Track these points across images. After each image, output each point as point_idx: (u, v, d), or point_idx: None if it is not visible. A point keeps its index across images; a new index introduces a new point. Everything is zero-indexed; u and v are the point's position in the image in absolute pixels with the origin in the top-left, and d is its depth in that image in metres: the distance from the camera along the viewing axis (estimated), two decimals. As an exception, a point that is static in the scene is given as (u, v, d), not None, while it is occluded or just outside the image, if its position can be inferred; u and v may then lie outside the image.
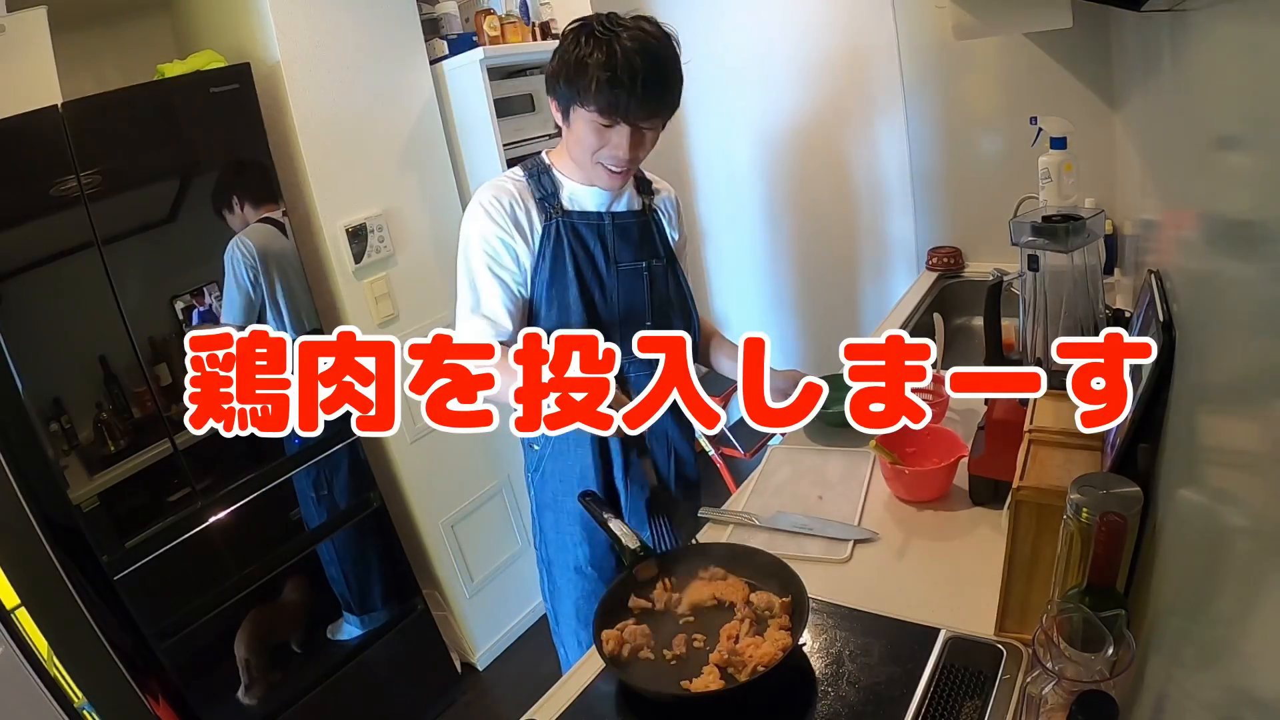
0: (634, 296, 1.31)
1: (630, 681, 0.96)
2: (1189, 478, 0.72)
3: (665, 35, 1.16)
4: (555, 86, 1.18)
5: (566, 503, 1.34)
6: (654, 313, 1.34)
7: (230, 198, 1.76)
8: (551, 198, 1.27)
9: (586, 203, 1.29)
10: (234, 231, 1.77)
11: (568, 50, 1.14)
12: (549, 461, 1.35)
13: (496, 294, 1.23)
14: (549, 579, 1.43)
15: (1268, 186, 0.53)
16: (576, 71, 1.12)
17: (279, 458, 1.87)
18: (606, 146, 1.18)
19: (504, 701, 2.22)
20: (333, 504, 1.99)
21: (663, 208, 1.39)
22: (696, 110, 3.06)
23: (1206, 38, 0.76)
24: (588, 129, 1.16)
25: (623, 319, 1.30)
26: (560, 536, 1.38)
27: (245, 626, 1.81)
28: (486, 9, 2.25)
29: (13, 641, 1.42)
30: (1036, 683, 0.75)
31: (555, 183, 1.29)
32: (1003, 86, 2.29)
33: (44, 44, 1.57)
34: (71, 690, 1.52)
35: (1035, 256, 1.16)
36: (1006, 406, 1.23)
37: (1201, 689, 0.59)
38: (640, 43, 1.11)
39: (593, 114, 1.14)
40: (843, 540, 1.25)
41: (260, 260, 1.78)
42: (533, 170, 1.29)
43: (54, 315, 1.53)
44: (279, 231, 1.84)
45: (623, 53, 1.09)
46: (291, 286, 1.86)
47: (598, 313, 1.28)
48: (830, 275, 3.00)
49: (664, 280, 1.36)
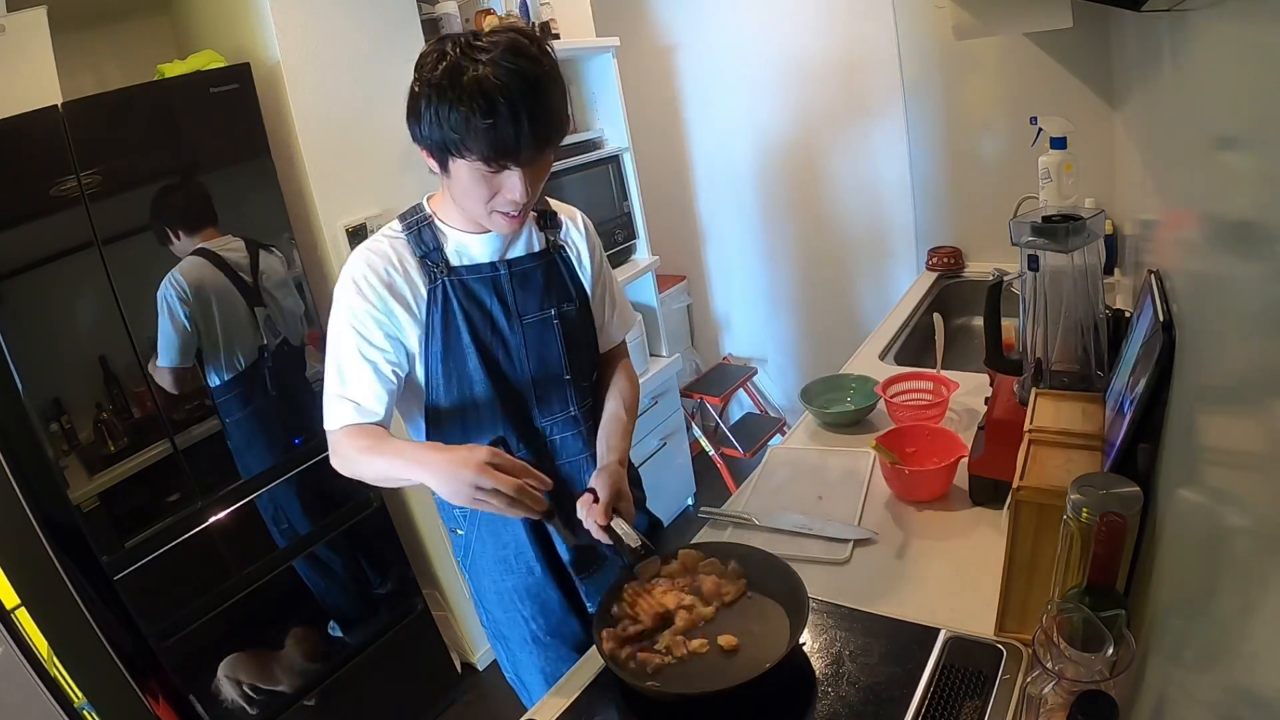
0: (546, 351, 1.17)
1: (630, 681, 0.96)
2: (1189, 478, 0.72)
3: (538, 46, 0.98)
4: (420, 134, 0.99)
5: (506, 582, 1.23)
6: (571, 366, 1.20)
7: (164, 225, 1.65)
8: (434, 254, 1.10)
9: (477, 254, 1.12)
10: (176, 259, 1.67)
11: (429, 92, 0.94)
12: (477, 545, 1.24)
13: (365, 376, 1.08)
14: (507, 652, 1.31)
15: (1268, 186, 0.53)
16: (446, 118, 0.93)
17: (278, 458, 1.87)
18: (499, 193, 1.01)
19: (504, 701, 2.21)
20: (333, 504, 1.99)
21: (570, 242, 1.22)
22: (697, 111, 3.06)
23: (1206, 38, 0.76)
24: (473, 179, 0.99)
25: (537, 379, 1.17)
26: (511, 615, 1.26)
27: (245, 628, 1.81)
28: (486, 9, 2.25)
29: (13, 641, 1.42)
30: (1036, 683, 0.75)
31: (438, 236, 1.11)
32: (1003, 86, 2.29)
33: (44, 44, 1.57)
34: (71, 690, 1.52)
35: (1035, 256, 1.16)
36: (1006, 406, 1.23)
37: (1201, 689, 0.59)
38: (514, 68, 0.93)
39: (476, 163, 0.97)
40: (842, 540, 1.25)
41: (195, 297, 1.67)
42: (412, 224, 1.11)
43: (54, 315, 1.53)
44: (212, 264, 1.72)
45: (497, 87, 0.92)
46: (228, 323, 1.74)
47: (504, 378, 1.15)
48: (830, 275, 3.00)
49: (579, 326, 1.21)
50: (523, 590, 1.23)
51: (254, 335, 1.81)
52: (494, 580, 1.25)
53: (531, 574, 1.22)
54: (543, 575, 1.22)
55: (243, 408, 1.81)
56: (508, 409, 1.16)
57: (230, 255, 1.77)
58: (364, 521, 2.04)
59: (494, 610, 1.28)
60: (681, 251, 3.29)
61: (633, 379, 1.32)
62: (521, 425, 1.18)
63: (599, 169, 2.61)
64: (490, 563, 1.24)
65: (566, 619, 1.25)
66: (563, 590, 1.24)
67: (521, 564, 1.22)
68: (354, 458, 1.08)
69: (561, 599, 1.24)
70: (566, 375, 1.19)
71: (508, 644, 1.30)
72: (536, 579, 1.23)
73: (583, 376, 1.23)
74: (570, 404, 1.21)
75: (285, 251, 1.87)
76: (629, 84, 2.72)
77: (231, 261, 1.76)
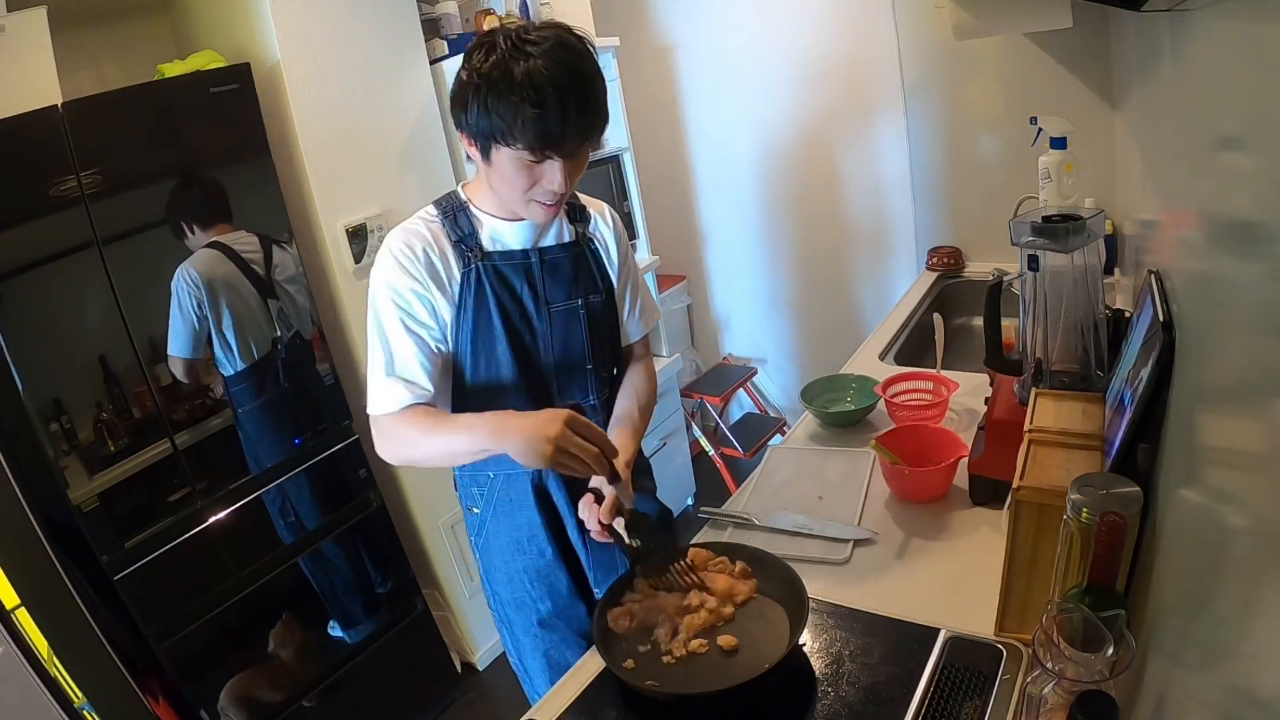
0: (570, 339, 1.20)
1: (630, 681, 0.96)
2: (1189, 478, 0.72)
3: (583, 42, 1.02)
4: (466, 122, 1.01)
5: (517, 563, 1.26)
6: (594, 355, 1.22)
7: (179, 219, 1.69)
8: (469, 239, 1.13)
9: (510, 241, 1.15)
10: (190, 252, 1.70)
11: (478, 80, 0.97)
12: (492, 524, 1.26)
13: (412, 353, 1.10)
14: (511, 636, 1.33)
15: (1268, 186, 0.53)
16: (495, 107, 0.96)
17: (279, 458, 1.87)
18: (539, 183, 1.04)
19: (504, 701, 2.22)
20: (333, 504, 1.99)
21: (599, 235, 1.25)
22: (697, 111, 3.06)
23: (1206, 37, 0.76)
24: (515, 168, 1.02)
25: (560, 366, 1.20)
26: (518, 596, 1.28)
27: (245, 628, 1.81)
28: (486, 9, 2.25)
29: (13, 641, 1.42)
30: (1036, 683, 0.76)
31: (473, 222, 1.14)
32: (1003, 87, 2.29)
33: (44, 44, 1.57)
34: (71, 690, 1.52)
35: (1035, 256, 1.16)
36: (1006, 406, 1.23)
37: (1201, 689, 0.59)
38: (563, 63, 0.97)
39: (520, 152, 0.99)
40: (843, 540, 1.25)
41: (206, 289, 1.70)
42: (447, 209, 1.15)
43: (54, 315, 1.53)
44: (225, 256, 1.75)
45: (547, 79, 0.95)
46: (240, 314, 1.77)
47: (531, 363, 1.18)
48: (830, 275, 3.00)
49: (604, 317, 1.24)
50: (533, 572, 1.26)
51: (268, 327, 1.83)
52: (505, 560, 1.27)
53: (543, 557, 1.25)
54: (553, 559, 1.25)
55: (255, 398, 1.82)
56: (531, 394, 1.18)
57: (244, 249, 1.79)
58: (364, 521, 2.05)
59: (501, 591, 1.30)
60: (681, 251, 3.29)
61: (651, 377, 1.34)
62: None
63: (599, 169, 2.61)
64: (504, 543, 1.26)
65: (574, 603, 1.27)
66: (571, 575, 1.27)
67: (534, 547, 1.25)
68: (415, 440, 1.09)
69: (570, 583, 1.27)
70: (588, 365, 1.22)
71: (512, 627, 1.32)
72: (547, 561, 1.25)
73: (604, 368, 1.26)
74: (590, 393, 1.24)
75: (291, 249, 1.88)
76: (629, 84, 2.72)
77: (245, 255, 1.79)
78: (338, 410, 1.97)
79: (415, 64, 2.12)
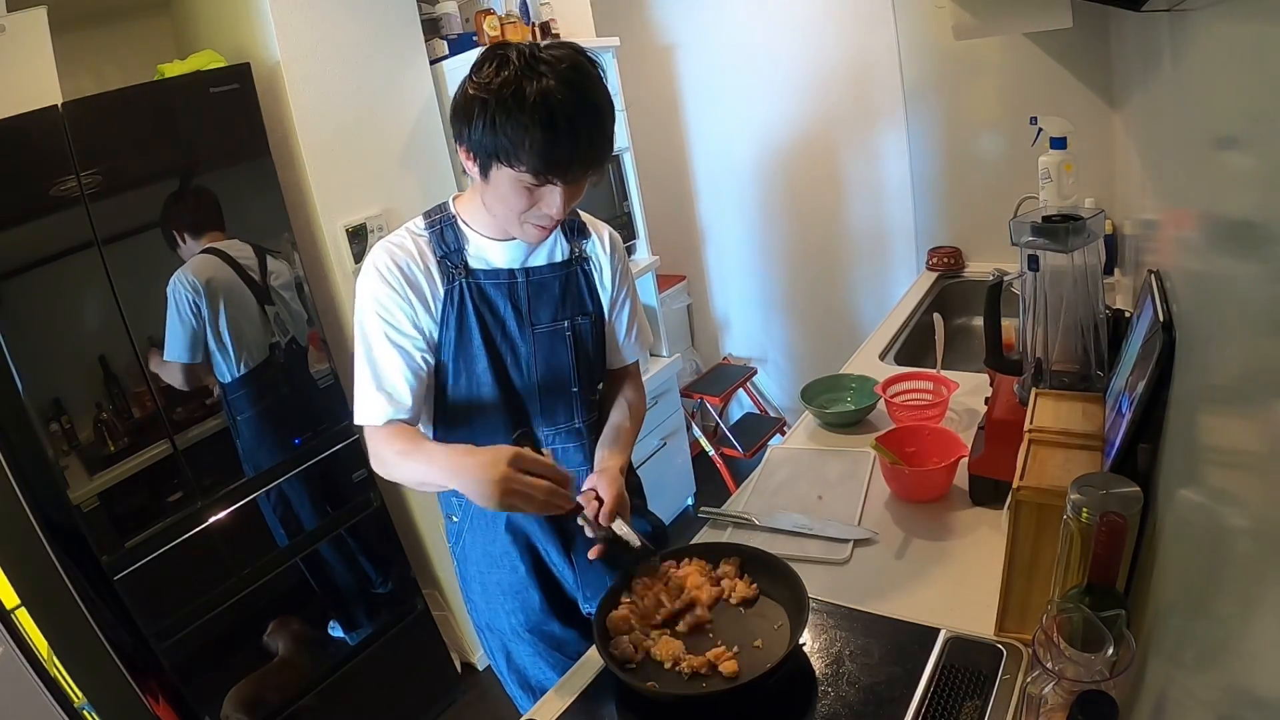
0: (555, 360, 1.17)
1: (630, 682, 0.96)
2: (1189, 478, 0.72)
3: (597, 68, 0.98)
4: (469, 136, 0.97)
5: (491, 575, 1.25)
6: (580, 377, 1.20)
7: (173, 229, 1.67)
8: (454, 256, 1.10)
9: (496, 259, 1.12)
10: (182, 261, 1.68)
11: (486, 95, 0.93)
12: (469, 535, 1.26)
13: (396, 365, 1.09)
14: (488, 644, 1.33)
15: (1268, 186, 0.53)
16: (502, 126, 0.92)
17: (279, 458, 1.87)
18: (536, 206, 1.00)
19: (504, 701, 2.21)
20: (333, 504, 1.99)
21: (594, 257, 1.21)
22: (697, 111, 3.06)
23: (1206, 38, 0.76)
24: (514, 190, 0.98)
25: (543, 387, 1.17)
26: (492, 606, 1.28)
27: (245, 628, 1.81)
28: (486, 9, 2.25)
29: (13, 641, 1.42)
30: (1036, 683, 0.75)
31: (460, 237, 1.11)
32: (1003, 87, 2.29)
33: (44, 44, 1.57)
34: (71, 690, 1.52)
35: (1035, 256, 1.16)
36: (1006, 406, 1.23)
37: (1201, 689, 0.59)
38: (578, 88, 0.93)
39: (522, 174, 0.96)
40: (843, 540, 1.25)
41: (203, 292, 1.69)
42: (436, 223, 1.12)
43: (54, 315, 1.53)
44: (222, 261, 1.74)
45: (560, 103, 0.91)
46: (237, 318, 1.75)
47: (511, 383, 1.16)
48: (830, 275, 3.00)
49: (591, 340, 1.21)
50: (505, 586, 1.25)
51: (265, 332, 1.83)
52: (479, 571, 1.27)
53: (515, 572, 1.24)
54: (525, 575, 1.24)
55: (253, 405, 1.82)
56: (511, 413, 1.17)
57: (239, 256, 1.78)
58: (364, 521, 2.04)
59: (477, 600, 1.30)
60: (681, 251, 3.29)
61: (640, 392, 1.34)
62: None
63: (599, 169, 2.60)
64: (478, 555, 1.26)
65: (547, 619, 1.25)
66: (544, 592, 1.25)
67: (507, 562, 1.24)
68: (392, 462, 1.08)
69: (542, 600, 1.25)
70: (574, 387, 1.20)
71: (486, 635, 1.32)
72: (520, 577, 1.24)
73: (590, 390, 1.24)
74: (575, 416, 1.22)
75: (286, 253, 1.87)
76: (629, 84, 2.72)
77: (241, 261, 1.78)
78: (337, 411, 1.97)
79: (415, 64, 2.12)
